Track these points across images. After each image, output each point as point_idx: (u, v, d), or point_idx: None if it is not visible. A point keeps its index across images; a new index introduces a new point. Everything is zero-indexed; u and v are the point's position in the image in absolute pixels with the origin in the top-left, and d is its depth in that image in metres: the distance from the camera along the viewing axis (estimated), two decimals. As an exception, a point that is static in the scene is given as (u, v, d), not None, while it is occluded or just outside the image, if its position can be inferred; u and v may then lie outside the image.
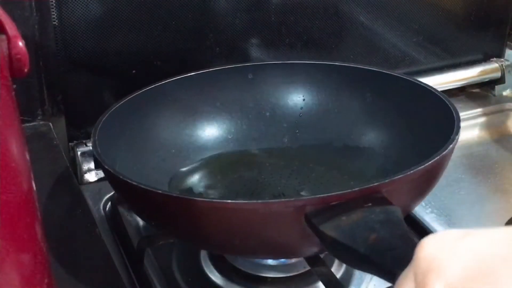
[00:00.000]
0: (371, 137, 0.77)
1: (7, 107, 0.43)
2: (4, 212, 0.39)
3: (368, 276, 0.67)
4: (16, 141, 0.43)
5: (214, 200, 0.59)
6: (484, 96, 1.02)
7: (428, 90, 0.71)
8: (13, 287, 0.39)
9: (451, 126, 0.62)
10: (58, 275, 0.50)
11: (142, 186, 0.55)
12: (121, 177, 0.56)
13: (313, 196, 0.53)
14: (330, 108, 0.79)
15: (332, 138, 0.78)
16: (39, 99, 0.77)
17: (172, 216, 0.57)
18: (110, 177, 0.61)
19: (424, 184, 0.59)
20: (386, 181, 0.53)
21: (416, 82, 0.73)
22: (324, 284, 0.62)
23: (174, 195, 0.59)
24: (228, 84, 0.78)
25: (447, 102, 0.67)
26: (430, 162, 0.55)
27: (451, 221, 0.75)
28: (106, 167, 0.58)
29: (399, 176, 0.54)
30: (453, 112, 0.64)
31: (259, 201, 0.55)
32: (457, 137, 0.60)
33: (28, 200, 0.42)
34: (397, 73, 0.76)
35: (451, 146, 0.58)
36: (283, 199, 0.56)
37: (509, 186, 0.86)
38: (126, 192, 0.60)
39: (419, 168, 0.55)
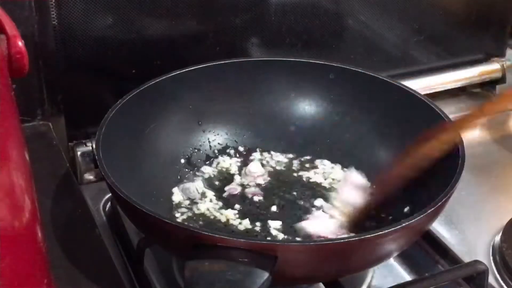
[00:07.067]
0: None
1: (7, 107, 0.43)
2: (4, 212, 0.38)
3: (368, 276, 0.67)
4: (16, 141, 0.43)
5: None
6: (485, 96, 1.02)
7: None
8: (13, 287, 0.39)
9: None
10: (58, 275, 0.50)
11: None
12: (137, 206, 0.57)
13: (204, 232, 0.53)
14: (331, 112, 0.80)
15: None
16: (39, 99, 0.77)
17: (174, 241, 0.57)
18: (117, 200, 0.62)
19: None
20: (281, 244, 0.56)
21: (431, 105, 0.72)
22: (324, 284, 0.62)
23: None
24: (229, 79, 0.79)
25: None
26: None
27: (451, 221, 0.75)
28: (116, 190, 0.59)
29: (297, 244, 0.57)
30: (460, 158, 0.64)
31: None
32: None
33: (28, 200, 0.41)
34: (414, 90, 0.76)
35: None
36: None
37: (510, 186, 0.85)
38: (142, 222, 0.61)
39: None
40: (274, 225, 0.68)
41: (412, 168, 0.66)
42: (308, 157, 0.79)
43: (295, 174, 0.77)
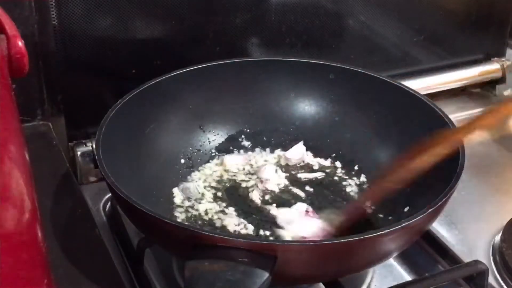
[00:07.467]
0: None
1: (7, 107, 0.43)
2: (4, 212, 0.38)
3: (368, 276, 0.67)
4: (16, 141, 0.43)
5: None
6: (485, 96, 1.02)
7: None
8: (13, 287, 0.39)
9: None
10: (58, 275, 0.50)
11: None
12: (137, 206, 0.57)
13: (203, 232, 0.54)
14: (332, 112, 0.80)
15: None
16: (39, 99, 0.77)
17: (174, 241, 0.57)
18: (118, 200, 0.62)
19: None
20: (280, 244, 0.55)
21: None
22: (324, 284, 0.62)
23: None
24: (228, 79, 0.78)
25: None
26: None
27: (451, 221, 0.75)
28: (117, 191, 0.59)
29: (295, 244, 0.56)
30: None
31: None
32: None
33: (28, 200, 0.41)
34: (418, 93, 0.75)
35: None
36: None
37: (510, 186, 0.85)
38: (142, 222, 0.61)
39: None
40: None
41: (410, 172, 0.64)
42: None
43: (295, 174, 0.77)
